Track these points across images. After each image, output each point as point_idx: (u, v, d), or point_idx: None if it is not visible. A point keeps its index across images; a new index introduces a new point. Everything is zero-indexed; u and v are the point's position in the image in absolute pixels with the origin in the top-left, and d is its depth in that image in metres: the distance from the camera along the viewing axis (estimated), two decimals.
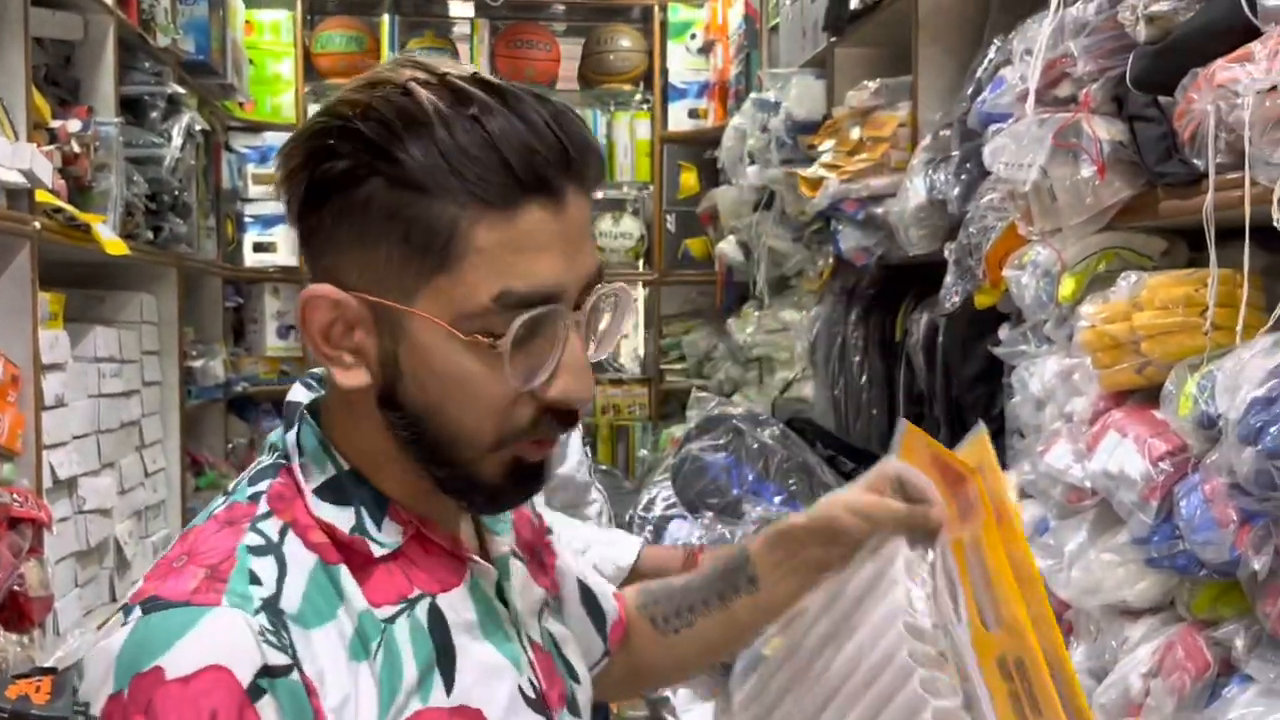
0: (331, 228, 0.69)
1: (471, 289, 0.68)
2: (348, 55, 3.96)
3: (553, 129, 0.67)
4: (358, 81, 0.70)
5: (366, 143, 0.67)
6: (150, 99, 2.66)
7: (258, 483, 0.74)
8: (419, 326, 0.69)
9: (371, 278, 0.68)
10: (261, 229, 3.91)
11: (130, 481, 2.62)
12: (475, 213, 0.67)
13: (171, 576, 0.67)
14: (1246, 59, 1.19)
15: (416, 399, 0.70)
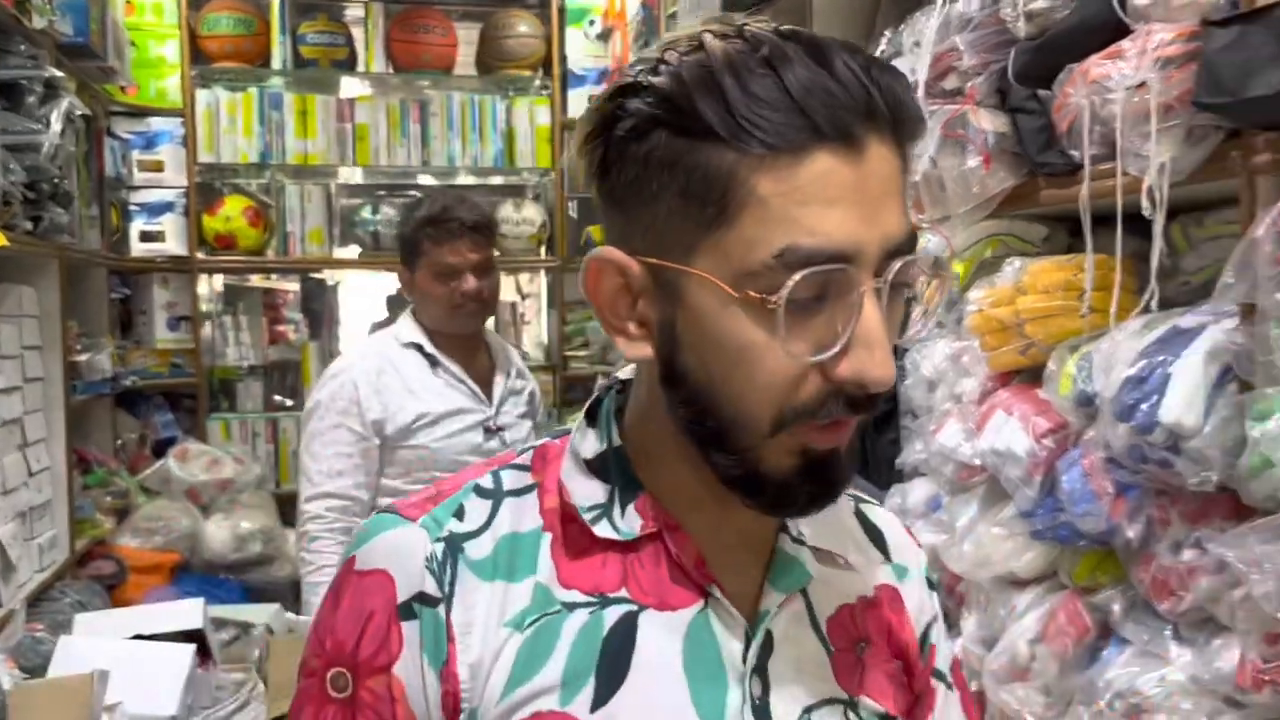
0: (620, 189, 0.65)
1: (751, 244, 0.61)
2: (235, 38, 3.85)
3: (858, 75, 0.60)
4: (657, 44, 0.66)
5: (654, 95, 0.62)
6: (26, 83, 2.54)
7: (543, 438, 0.75)
8: (696, 287, 0.63)
9: (653, 239, 0.64)
10: (148, 217, 3.78)
11: (12, 482, 2.51)
12: (757, 158, 0.60)
13: (420, 495, 0.73)
14: (1117, 56, 1.25)
15: (694, 373, 0.64)
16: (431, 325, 2.19)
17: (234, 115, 3.86)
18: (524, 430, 2.25)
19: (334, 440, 2.10)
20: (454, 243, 2.12)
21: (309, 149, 3.93)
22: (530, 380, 2.36)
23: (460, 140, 4.03)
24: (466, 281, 2.13)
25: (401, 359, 2.17)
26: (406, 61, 4.01)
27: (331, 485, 2.09)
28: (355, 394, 2.10)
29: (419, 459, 2.12)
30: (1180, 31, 1.19)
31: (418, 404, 2.13)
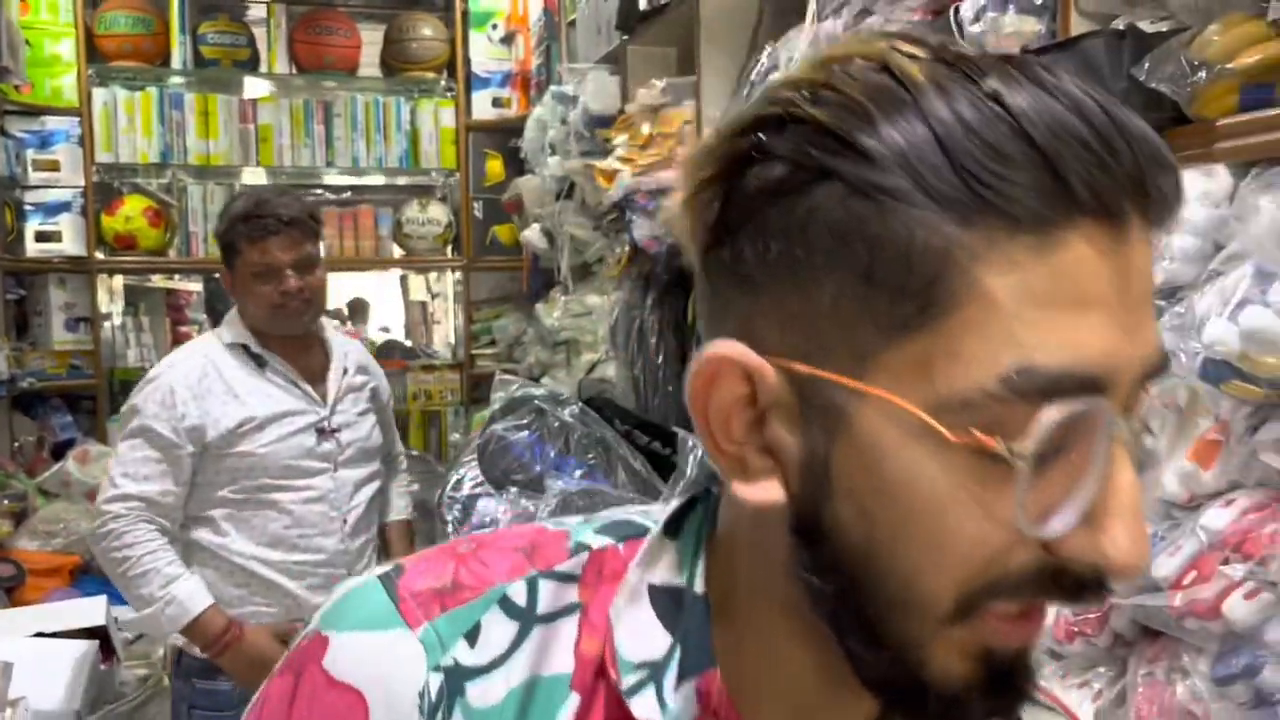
0: (750, 261, 0.44)
1: (967, 359, 0.41)
2: (134, 37, 3.82)
3: (1120, 130, 0.41)
4: (806, 62, 0.46)
5: (818, 133, 0.43)
6: None
7: (607, 533, 0.54)
8: (870, 414, 0.43)
9: (804, 337, 0.44)
10: (44, 217, 3.73)
11: None
12: (987, 235, 0.41)
13: (435, 561, 0.54)
14: None
15: (850, 529, 0.44)
16: (258, 326, 2.06)
17: (132, 115, 3.83)
18: (365, 427, 2.14)
19: (141, 445, 1.96)
20: (270, 240, 1.97)
21: (211, 149, 3.92)
22: (374, 375, 2.25)
23: (365, 141, 4.06)
24: (287, 281, 1.99)
25: (225, 361, 2.03)
26: (310, 63, 4.03)
27: (134, 488, 1.95)
28: (171, 399, 1.95)
29: (247, 466, 1.99)
30: None
31: (241, 409, 1.99)
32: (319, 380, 2.10)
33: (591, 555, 0.53)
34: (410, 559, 0.55)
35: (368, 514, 2.13)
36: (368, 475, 2.14)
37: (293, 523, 2.01)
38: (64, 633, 2.25)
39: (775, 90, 0.46)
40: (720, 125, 0.47)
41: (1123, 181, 0.41)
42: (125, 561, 1.94)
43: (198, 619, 1.92)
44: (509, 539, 0.55)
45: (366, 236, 4.16)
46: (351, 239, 4.16)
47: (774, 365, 0.45)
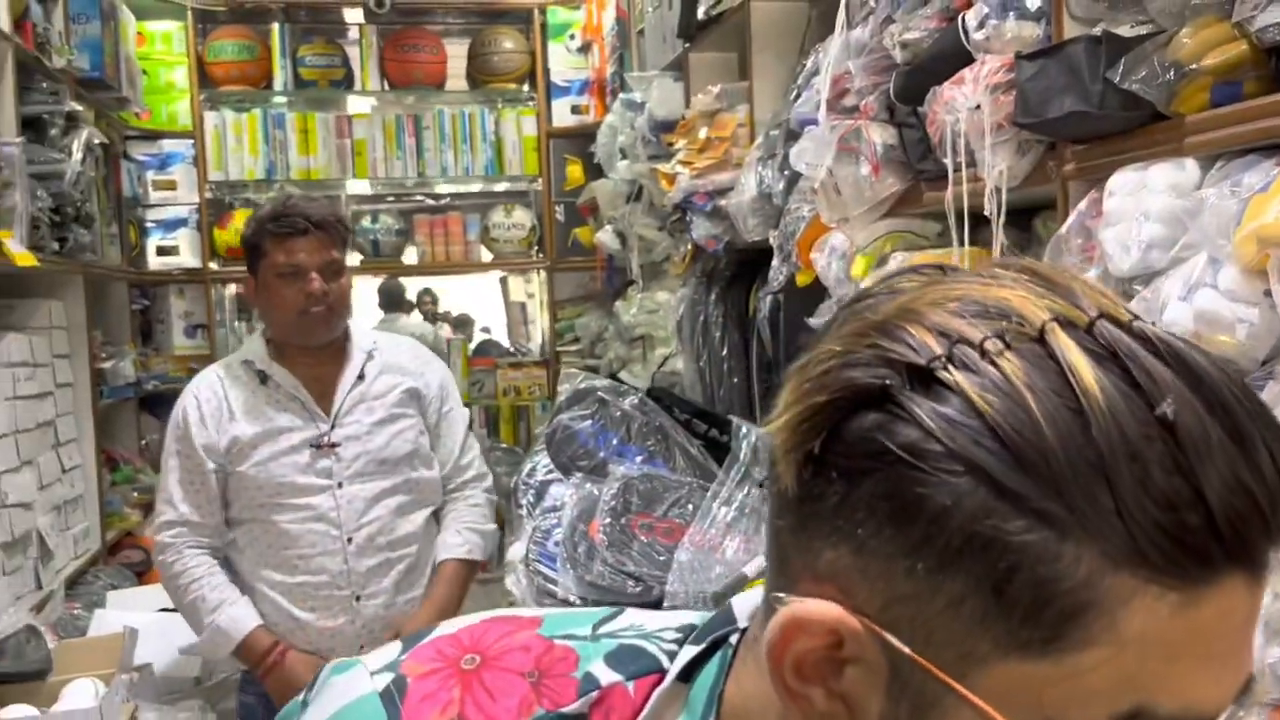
0: (859, 520, 0.41)
1: (1085, 695, 0.40)
2: (240, 63, 4.12)
3: (1274, 454, 0.39)
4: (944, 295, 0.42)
5: (965, 410, 0.39)
6: (49, 117, 2.82)
7: (617, 666, 0.52)
8: (968, 715, 0.41)
9: (909, 619, 0.41)
10: (164, 233, 4.06)
11: (48, 477, 2.79)
12: (1136, 584, 0.39)
13: (438, 678, 0.52)
14: (961, 82, 1.49)
15: None
16: (278, 335, 1.99)
17: (240, 135, 4.13)
18: (381, 437, 1.99)
19: (173, 468, 1.96)
20: (297, 240, 1.91)
21: (311, 164, 4.20)
22: (414, 373, 2.06)
23: (452, 151, 4.29)
24: (311, 283, 1.91)
25: (234, 380, 1.98)
26: (400, 79, 4.28)
27: (173, 513, 1.95)
28: (185, 420, 1.95)
29: (244, 486, 1.94)
30: (1005, 62, 1.42)
31: (234, 428, 1.94)
32: (329, 392, 1.99)
33: (600, 695, 0.51)
34: (411, 666, 0.53)
35: (387, 530, 1.98)
36: (386, 489, 1.98)
37: (291, 543, 1.93)
38: None
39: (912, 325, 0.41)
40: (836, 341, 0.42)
41: (1271, 532, 0.39)
42: (179, 590, 1.95)
43: (243, 642, 1.91)
44: (514, 656, 0.52)
45: (456, 242, 4.39)
46: (442, 244, 4.39)
47: (870, 630, 0.41)
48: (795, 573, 0.44)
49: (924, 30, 1.65)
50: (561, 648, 0.53)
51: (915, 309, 0.42)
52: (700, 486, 2.19)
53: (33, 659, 1.71)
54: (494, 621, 0.55)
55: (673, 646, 0.52)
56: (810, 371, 0.42)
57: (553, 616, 0.55)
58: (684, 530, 2.16)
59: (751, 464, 2.20)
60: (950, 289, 0.42)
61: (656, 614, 0.56)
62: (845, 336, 0.42)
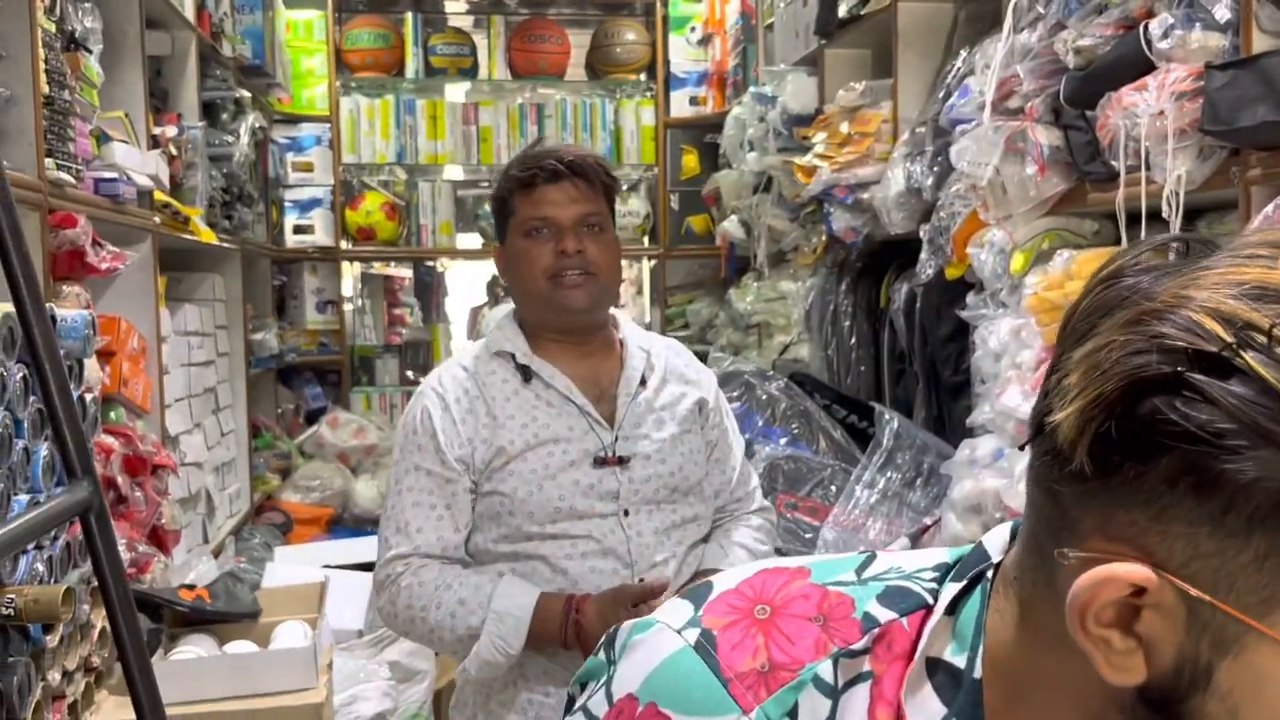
0: (1160, 486, 0.46)
1: None
2: (374, 51, 4.30)
3: None
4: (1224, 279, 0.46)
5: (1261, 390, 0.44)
6: (221, 102, 3.01)
7: (888, 604, 0.58)
8: (1271, 653, 0.46)
9: (1211, 570, 0.46)
10: (300, 213, 4.26)
11: (212, 440, 2.99)
12: None
13: (739, 629, 0.57)
14: (1143, 88, 1.56)
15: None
16: (530, 316, 1.56)
17: (373, 119, 4.31)
18: (675, 458, 1.53)
19: (410, 487, 1.50)
20: (546, 188, 1.51)
21: (438, 149, 4.36)
22: (697, 384, 1.61)
23: (573, 139, 4.42)
24: (564, 240, 1.49)
25: (489, 375, 1.54)
26: (525, 68, 4.42)
27: (405, 545, 1.47)
28: (430, 424, 1.50)
29: (507, 510, 1.48)
30: (1191, 71, 1.49)
31: (498, 436, 1.49)
32: (606, 395, 1.55)
33: (880, 632, 0.57)
34: (712, 620, 0.57)
35: (684, 572, 1.53)
36: (676, 521, 1.53)
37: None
38: (343, 566, 2.67)
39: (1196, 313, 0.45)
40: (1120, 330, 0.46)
41: None
42: (422, 617, 1.45)
43: (533, 622, 1.42)
44: (798, 605, 0.58)
45: None
46: None
47: (1164, 580, 0.46)
48: (1085, 532, 0.48)
49: (1099, 37, 1.72)
50: (836, 593, 0.58)
51: (1190, 295, 0.45)
52: (843, 469, 2.29)
53: (245, 600, 1.87)
54: (767, 574, 0.60)
55: (933, 584, 0.58)
56: (1097, 360, 0.46)
57: (817, 565, 0.60)
58: (827, 510, 2.27)
59: (894, 449, 2.29)
60: (1222, 273, 0.45)
61: (908, 554, 0.61)
62: (1124, 325, 0.46)
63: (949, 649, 0.55)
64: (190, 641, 1.77)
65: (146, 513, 2.07)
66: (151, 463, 2.13)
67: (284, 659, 1.71)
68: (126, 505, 1.99)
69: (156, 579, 2.09)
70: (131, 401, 2.18)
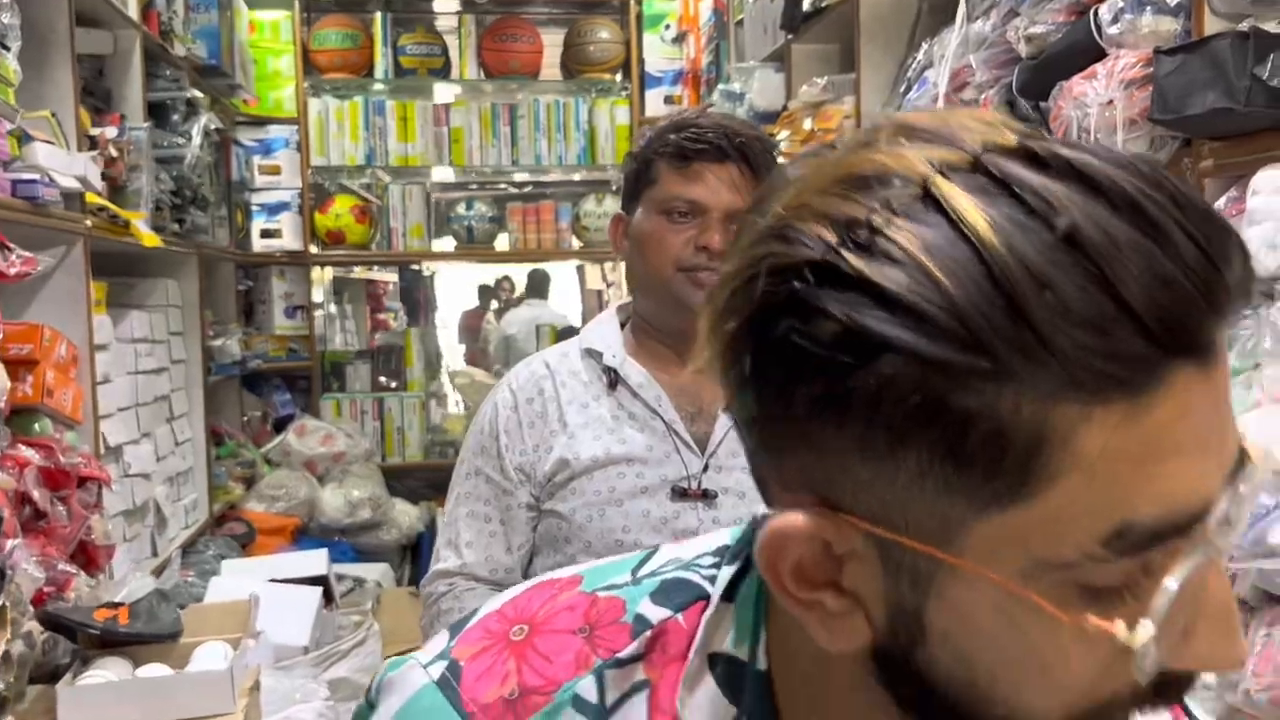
0: (806, 419, 0.41)
1: (1067, 527, 0.39)
2: (343, 51, 4.22)
3: (1203, 247, 0.38)
4: (826, 178, 0.41)
5: (869, 293, 0.38)
6: (171, 103, 2.93)
7: (663, 600, 0.51)
8: (963, 583, 0.41)
9: (880, 503, 0.41)
10: (267, 216, 4.19)
11: (164, 450, 2.91)
12: (1080, 405, 0.38)
13: (490, 654, 0.51)
14: (1092, 77, 1.48)
15: (948, 668, 0.43)
16: (644, 307, 1.37)
17: (342, 121, 4.23)
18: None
19: (466, 495, 1.36)
20: (708, 167, 1.31)
21: (409, 151, 4.29)
22: None
23: (546, 140, 4.34)
24: (711, 233, 1.29)
25: (571, 375, 1.36)
26: (497, 68, 4.34)
27: (453, 561, 1.35)
28: (495, 425, 1.35)
29: (564, 536, 1.31)
30: (1140, 57, 1.41)
31: (564, 445, 1.32)
32: (705, 414, 1.33)
33: (654, 634, 0.50)
34: (463, 649, 0.51)
35: None
36: None
37: None
38: (293, 580, 2.59)
39: (790, 222, 0.40)
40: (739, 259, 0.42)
41: (1209, 311, 0.38)
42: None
43: None
44: (562, 618, 0.51)
45: (548, 230, 4.45)
46: (534, 232, 4.45)
47: (851, 524, 0.41)
48: (773, 492, 0.45)
49: (1051, 24, 1.64)
50: (606, 599, 0.52)
51: (800, 202, 0.41)
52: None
53: (165, 621, 1.79)
54: (536, 589, 0.54)
55: (712, 571, 0.52)
56: (719, 298, 0.42)
57: (591, 570, 0.54)
58: None
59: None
60: (830, 169, 0.41)
61: (692, 542, 0.55)
62: (744, 250, 0.42)
63: (729, 640, 0.49)
64: (102, 665, 1.68)
65: (71, 528, 1.99)
66: (78, 475, 2.05)
67: (199, 682, 1.63)
68: (46, 521, 1.90)
69: (83, 597, 2.01)
70: (59, 412, 2.10)
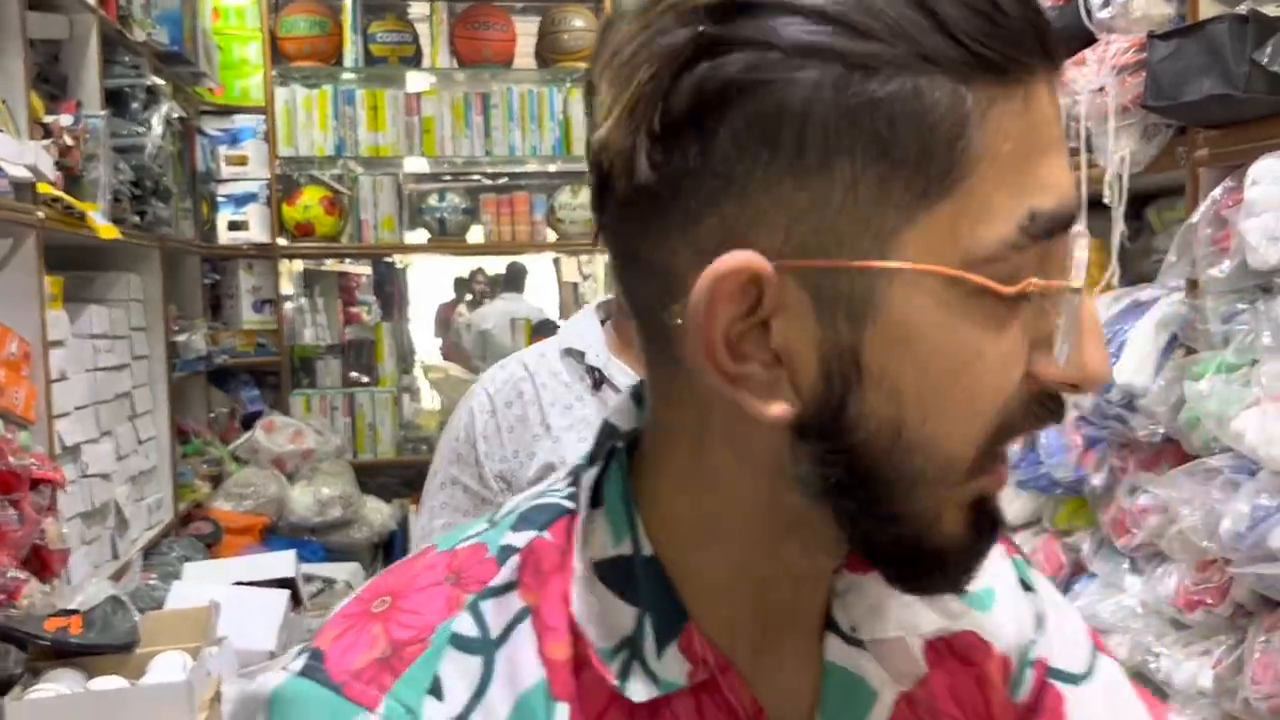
0: (731, 164, 0.41)
1: (991, 215, 0.41)
2: (311, 38, 4.12)
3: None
4: None
5: (783, 11, 0.41)
6: (131, 90, 2.83)
7: (524, 526, 0.50)
8: (899, 291, 0.42)
9: (812, 231, 0.42)
10: (234, 208, 4.08)
11: (126, 449, 2.82)
12: (986, 92, 0.41)
13: (354, 631, 0.48)
14: (1082, 63, 1.43)
15: (880, 414, 0.43)
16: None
17: (310, 111, 4.14)
18: None
19: (444, 504, 1.31)
20: None
21: (379, 141, 4.19)
22: None
23: (520, 130, 4.26)
24: None
25: (551, 376, 1.31)
26: (469, 56, 4.25)
27: None
28: (472, 434, 1.29)
29: None
30: (1133, 42, 1.36)
31: (550, 449, 1.27)
32: None
33: (521, 556, 0.49)
34: (323, 639, 0.48)
35: None
36: None
37: None
38: (259, 582, 2.52)
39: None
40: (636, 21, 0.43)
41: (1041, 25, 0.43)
42: None
43: None
44: (423, 578, 0.49)
45: (522, 221, 4.37)
46: (508, 224, 4.37)
47: (785, 267, 0.42)
48: (682, 273, 0.43)
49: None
50: (467, 548, 0.50)
51: None
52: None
53: (120, 630, 1.72)
54: (389, 570, 0.52)
55: (570, 490, 0.51)
56: (619, 65, 0.43)
57: (444, 536, 0.53)
58: None
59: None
60: None
61: (547, 481, 0.55)
62: (640, 14, 0.43)
63: (608, 542, 0.49)
64: (54, 678, 1.61)
65: (22, 532, 1.91)
66: (31, 477, 1.96)
67: (155, 695, 1.56)
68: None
69: (36, 604, 1.93)
70: (10, 411, 2.01)
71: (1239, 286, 1.24)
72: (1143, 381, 1.34)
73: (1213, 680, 1.22)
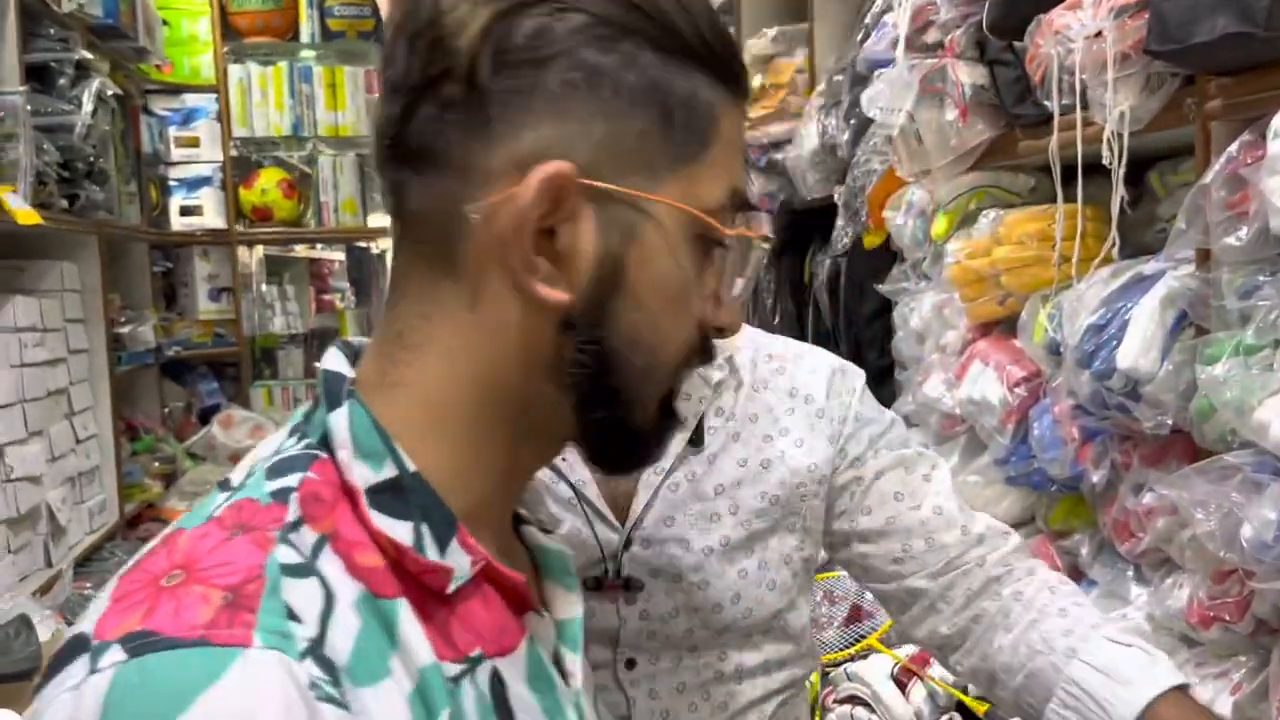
0: (555, 90, 0.54)
1: (715, 182, 0.59)
2: (265, 13, 3.93)
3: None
4: None
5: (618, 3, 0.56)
6: (57, 65, 2.64)
7: (282, 475, 0.54)
8: (657, 221, 0.57)
9: (607, 159, 0.55)
10: (187, 192, 3.90)
11: (60, 449, 2.65)
12: (726, 96, 0.59)
13: (165, 600, 0.47)
14: (1077, 6, 1.26)
15: (626, 317, 0.57)
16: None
17: (265, 89, 3.95)
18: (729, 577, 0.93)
19: None
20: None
21: (339, 120, 4.01)
22: (808, 417, 1.01)
23: None
24: None
25: None
26: None
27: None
28: None
29: None
30: None
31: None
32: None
33: (299, 495, 0.54)
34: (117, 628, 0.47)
35: None
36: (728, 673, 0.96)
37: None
38: None
39: None
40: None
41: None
42: None
43: None
44: (204, 543, 0.51)
45: None
46: None
47: (584, 185, 0.55)
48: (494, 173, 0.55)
49: None
50: (228, 508, 0.53)
51: None
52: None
53: (18, 656, 1.55)
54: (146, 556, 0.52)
55: (305, 441, 0.57)
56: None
57: (183, 519, 0.55)
58: None
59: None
60: None
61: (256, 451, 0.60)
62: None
63: (369, 473, 0.55)
64: None
65: None
66: None
67: None
68: None
69: None
70: None
71: (1259, 256, 1.07)
72: (1147, 366, 1.18)
73: (1232, 709, 1.07)
